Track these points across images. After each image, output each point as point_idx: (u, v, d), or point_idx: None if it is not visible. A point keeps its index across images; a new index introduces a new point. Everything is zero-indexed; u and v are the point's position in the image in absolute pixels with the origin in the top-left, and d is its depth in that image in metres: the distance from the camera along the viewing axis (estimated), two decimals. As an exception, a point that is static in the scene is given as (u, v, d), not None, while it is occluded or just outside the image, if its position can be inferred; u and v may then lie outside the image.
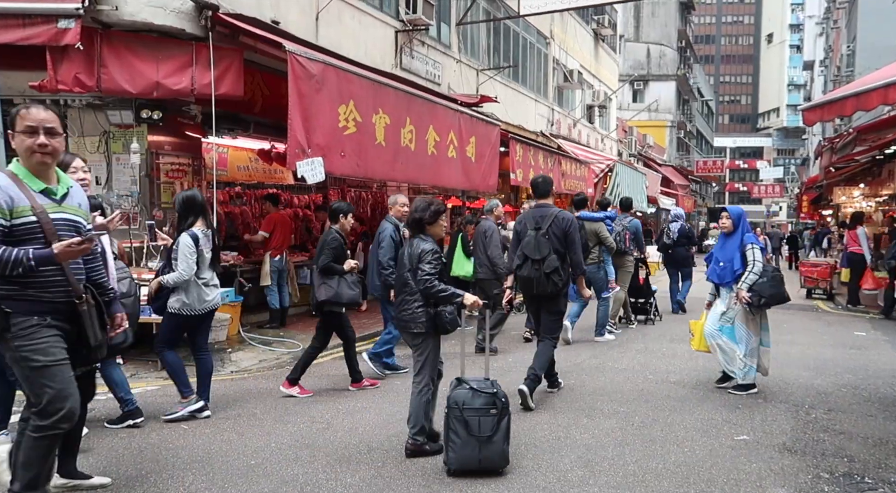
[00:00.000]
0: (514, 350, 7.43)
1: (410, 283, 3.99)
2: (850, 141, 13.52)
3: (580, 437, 4.35)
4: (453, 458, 3.65)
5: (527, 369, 5.07)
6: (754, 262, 5.35)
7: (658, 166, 30.77)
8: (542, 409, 4.99)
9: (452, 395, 3.78)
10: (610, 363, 6.72)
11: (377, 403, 5.15)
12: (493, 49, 15.92)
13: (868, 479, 3.72)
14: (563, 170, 15.46)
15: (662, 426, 4.64)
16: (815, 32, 56.57)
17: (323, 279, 5.28)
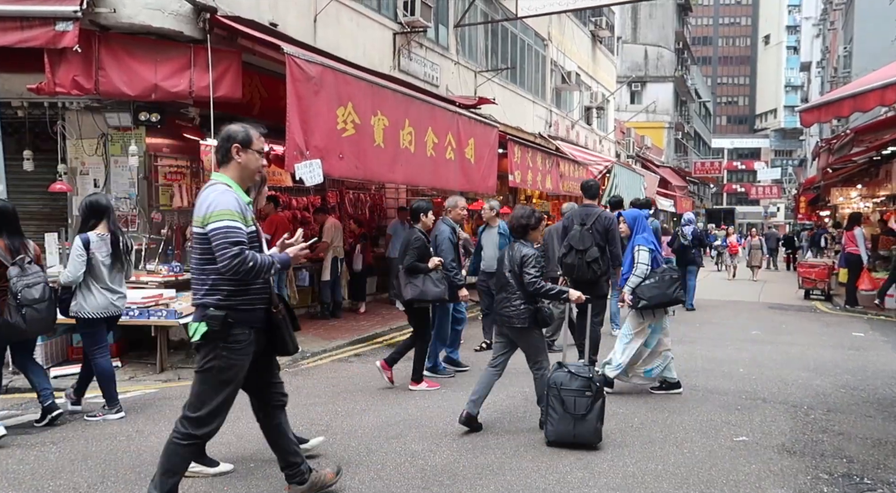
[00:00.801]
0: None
1: (512, 283, 4.43)
2: (847, 142, 13.55)
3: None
4: (551, 431, 4.18)
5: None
6: (638, 264, 5.32)
7: (656, 168, 30.80)
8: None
9: (553, 377, 4.24)
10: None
11: (376, 406, 5.14)
12: (490, 51, 15.94)
13: (867, 480, 3.72)
14: (562, 171, 15.48)
15: (661, 427, 4.64)
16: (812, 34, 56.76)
17: (409, 278, 5.48)
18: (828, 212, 22.36)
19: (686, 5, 46.64)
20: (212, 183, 3.10)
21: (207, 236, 2.96)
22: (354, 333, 8.23)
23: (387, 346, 7.83)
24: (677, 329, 9.15)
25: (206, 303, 2.98)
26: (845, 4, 32.47)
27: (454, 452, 4.06)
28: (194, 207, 3.08)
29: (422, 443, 4.22)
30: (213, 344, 2.97)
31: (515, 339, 4.53)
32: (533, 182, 13.65)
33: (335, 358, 7.10)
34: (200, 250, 3.02)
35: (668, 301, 5.28)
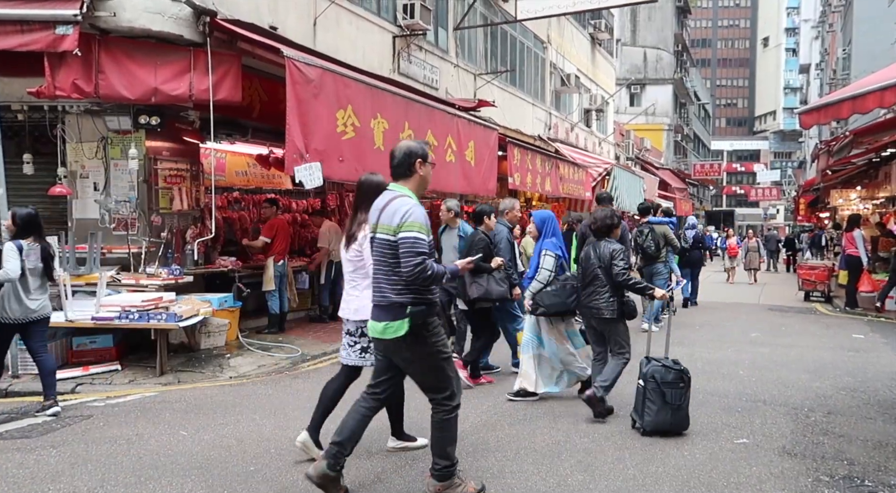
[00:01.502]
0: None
1: (602, 277, 4.85)
2: (846, 144, 13.55)
3: (580, 441, 4.34)
4: (649, 421, 4.46)
5: None
6: (542, 269, 5.15)
7: (655, 170, 30.82)
8: (543, 414, 4.99)
9: (647, 370, 4.55)
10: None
11: (376, 408, 5.12)
12: (490, 54, 15.96)
13: (868, 482, 3.72)
14: (561, 174, 15.48)
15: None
16: (811, 36, 56.84)
17: (473, 278, 5.61)
18: (827, 214, 22.38)
19: (685, 8, 46.71)
20: (398, 194, 3.35)
21: (396, 243, 3.23)
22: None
23: (387, 349, 7.82)
24: (677, 332, 9.16)
25: (402, 302, 3.28)
26: (844, 7, 32.53)
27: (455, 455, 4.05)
28: (379, 214, 3.33)
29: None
30: (420, 336, 3.29)
31: (602, 329, 4.99)
32: (533, 184, 13.65)
33: (335, 361, 7.04)
34: (387, 255, 3.29)
35: (564, 311, 5.11)
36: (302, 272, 9.25)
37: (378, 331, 3.34)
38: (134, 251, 6.95)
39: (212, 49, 6.72)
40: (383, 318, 3.31)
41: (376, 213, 3.38)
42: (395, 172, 3.44)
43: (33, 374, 6.03)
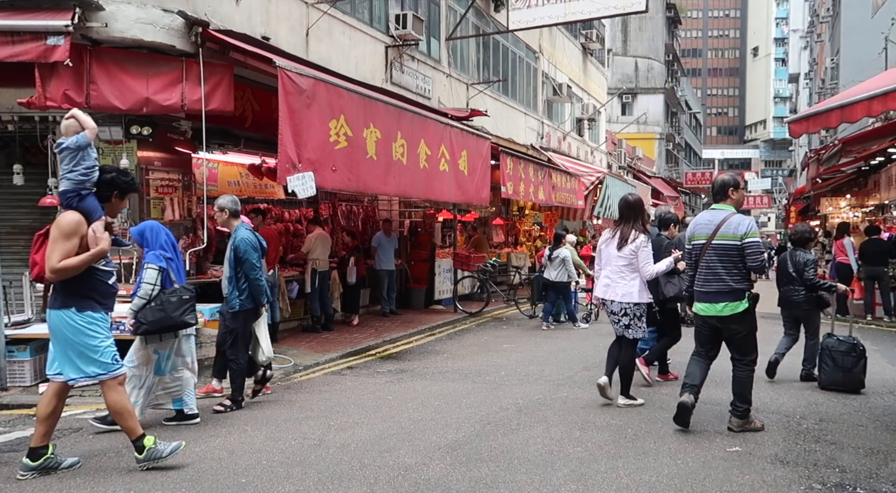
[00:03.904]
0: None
1: (797, 279, 6.39)
2: (835, 152, 13.68)
3: (573, 450, 4.33)
4: (825, 379, 6.11)
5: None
6: (142, 284, 4.72)
7: (647, 178, 30.98)
8: (535, 422, 4.98)
9: (825, 343, 6.17)
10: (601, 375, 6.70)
11: (369, 419, 5.11)
12: (482, 63, 16.05)
13: (860, 489, 3.72)
14: (554, 182, 15.55)
15: (655, 438, 4.63)
16: (800, 46, 57.44)
17: (668, 278, 6.08)
18: (818, 222, 22.53)
19: (675, 18, 47.19)
20: (732, 212, 4.82)
21: (743, 246, 4.65)
22: (347, 345, 8.20)
23: (380, 358, 7.81)
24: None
25: (741, 288, 4.69)
26: (832, 17, 32.93)
27: (447, 465, 4.04)
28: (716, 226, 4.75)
29: (415, 456, 4.19)
30: (750, 313, 4.74)
31: (801, 318, 6.62)
32: (525, 193, 13.71)
33: (328, 371, 7.06)
34: (734, 257, 4.69)
35: (172, 325, 4.72)
36: (293, 282, 9.22)
37: (715, 310, 4.74)
38: (125, 262, 6.91)
39: (204, 59, 6.73)
40: (723, 300, 4.70)
41: (713, 225, 4.78)
42: (716, 199, 4.93)
43: (21, 386, 5.98)
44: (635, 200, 5.59)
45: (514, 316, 11.80)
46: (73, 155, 3.86)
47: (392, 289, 11.10)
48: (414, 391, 6.00)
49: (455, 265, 12.35)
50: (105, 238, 3.86)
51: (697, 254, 4.89)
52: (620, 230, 5.46)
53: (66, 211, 3.86)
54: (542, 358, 7.73)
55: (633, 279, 5.37)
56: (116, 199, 4.09)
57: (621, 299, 5.39)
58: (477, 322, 11.00)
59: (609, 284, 5.46)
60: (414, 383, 6.35)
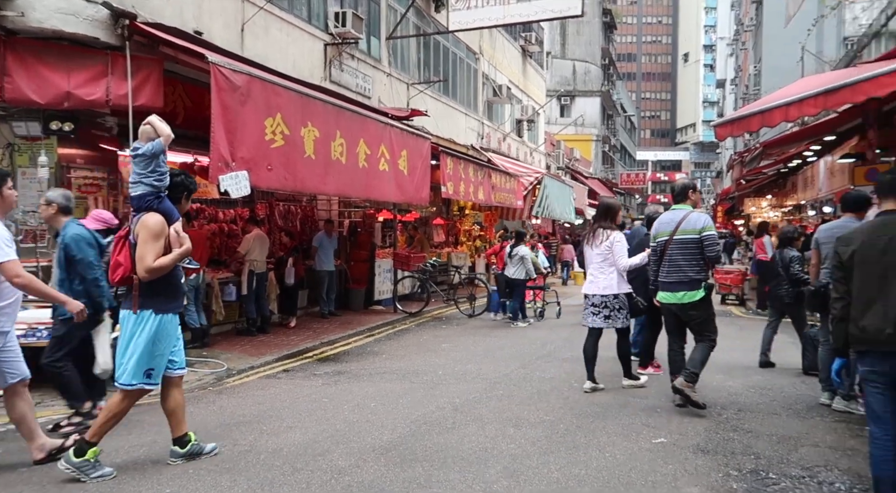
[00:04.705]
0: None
1: (783, 274, 6.83)
2: (756, 155, 14.45)
3: (507, 447, 4.42)
4: (807, 364, 6.75)
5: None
6: None
7: (585, 179, 31.81)
8: (471, 421, 5.05)
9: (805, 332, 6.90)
10: (538, 373, 6.88)
11: (304, 422, 5.06)
12: (423, 63, 16.09)
13: (772, 474, 3.97)
14: (494, 183, 15.74)
15: (586, 432, 4.78)
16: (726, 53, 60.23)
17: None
18: (742, 221, 23.70)
19: (611, 23, 48.59)
20: (690, 210, 5.50)
21: (701, 239, 5.29)
22: (283, 348, 8.06)
23: (317, 360, 7.73)
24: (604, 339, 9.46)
25: (699, 278, 5.31)
26: (754, 27, 34.71)
27: (381, 466, 4.05)
28: (677, 223, 5.43)
29: (349, 459, 4.18)
30: (707, 301, 5.36)
31: (787, 312, 7.04)
32: (465, 193, 13.83)
33: (262, 375, 6.93)
34: (694, 250, 5.32)
35: None
36: (229, 284, 9.00)
37: (676, 298, 5.37)
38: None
39: (131, 53, 6.48)
40: (683, 289, 5.32)
41: (675, 223, 5.42)
42: (678, 199, 5.61)
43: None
44: (612, 204, 6.30)
45: (454, 315, 11.90)
46: (147, 161, 3.93)
47: (332, 290, 10.99)
48: (350, 393, 5.97)
49: (395, 265, 12.34)
50: (186, 237, 4.05)
51: (661, 249, 5.51)
52: (596, 230, 6.03)
53: (148, 213, 3.96)
54: (480, 357, 7.83)
55: (611, 273, 5.93)
56: (185, 200, 4.28)
57: (602, 291, 5.95)
58: (417, 322, 11.04)
59: (592, 280, 6.04)
60: (351, 385, 6.32)
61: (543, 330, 10.26)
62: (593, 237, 6.02)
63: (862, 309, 3.20)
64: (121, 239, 4.07)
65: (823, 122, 10.84)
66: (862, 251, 3.24)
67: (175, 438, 4.16)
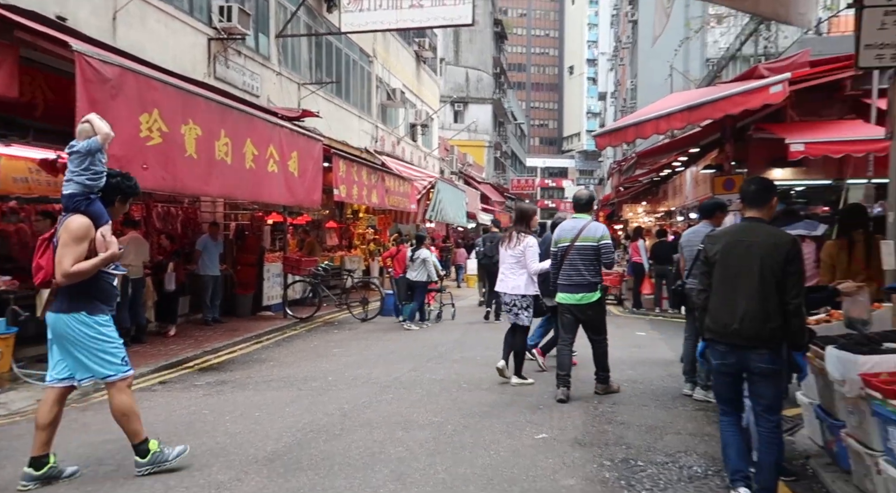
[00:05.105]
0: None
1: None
2: (632, 164, 15.51)
3: (394, 451, 4.44)
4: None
5: None
6: None
7: (477, 184, 32.59)
8: (359, 426, 5.01)
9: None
10: (428, 375, 6.95)
11: (180, 436, 4.77)
12: (315, 64, 15.79)
13: (640, 462, 4.27)
14: (388, 186, 15.74)
15: (472, 432, 4.90)
16: (607, 68, 64.20)
17: None
18: (621, 226, 25.30)
19: (502, 33, 50.20)
20: (590, 219, 6.00)
21: (599, 247, 5.81)
22: (161, 358, 7.58)
23: (198, 370, 7.34)
24: (496, 338, 9.74)
25: (595, 281, 5.82)
26: (631, 44, 37.24)
27: (264, 478, 3.92)
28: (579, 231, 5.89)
29: (229, 472, 4.01)
30: (601, 302, 5.92)
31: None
32: (359, 197, 13.71)
33: (136, 388, 6.45)
34: (592, 256, 5.82)
35: None
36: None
37: (575, 299, 5.86)
38: None
39: (-21, 37, 5.84)
40: (581, 291, 5.83)
41: (576, 230, 5.88)
42: (580, 209, 6.12)
43: None
44: (527, 209, 6.77)
45: (347, 320, 11.76)
46: (81, 158, 3.81)
47: (216, 296, 10.49)
48: (234, 403, 5.73)
49: (285, 269, 11.99)
50: (114, 242, 3.89)
51: (562, 254, 5.95)
52: (512, 233, 6.48)
53: (74, 215, 3.82)
54: (371, 361, 7.79)
55: (521, 275, 6.36)
56: (119, 203, 4.12)
57: (511, 291, 6.38)
58: (307, 328, 10.79)
59: (503, 279, 6.48)
60: (235, 395, 6.06)
61: (436, 332, 10.39)
62: (509, 240, 6.48)
63: (717, 303, 3.54)
64: (45, 241, 3.93)
65: (689, 135, 11.84)
66: (724, 251, 3.55)
67: (33, 457, 3.82)
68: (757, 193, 3.61)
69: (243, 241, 11.98)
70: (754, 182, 3.74)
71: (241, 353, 8.44)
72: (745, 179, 4.46)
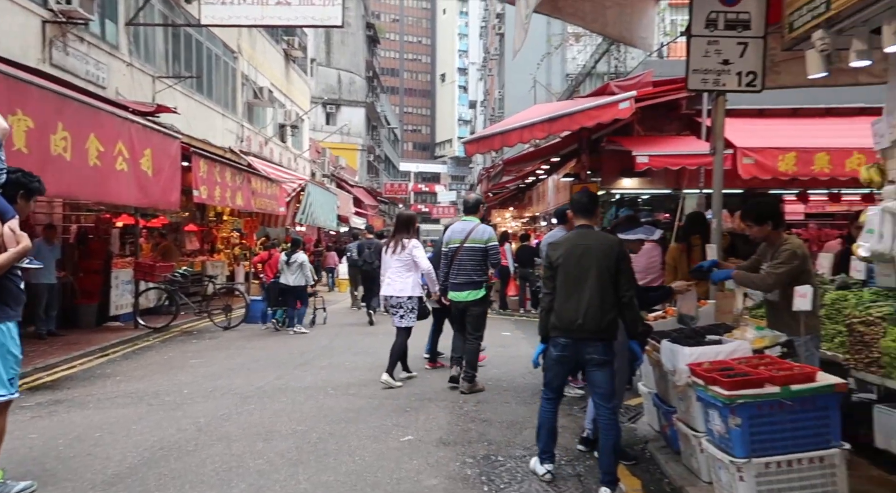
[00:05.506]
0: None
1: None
2: (499, 171, 16.15)
3: (254, 463, 4.24)
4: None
5: None
6: None
7: (350, 187, 32.22)
8: (216, 440, 4.74)
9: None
10: (293, 383, 6.73)
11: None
12: (172, 56, 14.79)
13: (500, 457, 4.43)
14: (254, 188, 15.08)
15: (338, 438, 4.81)
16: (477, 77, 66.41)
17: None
18: (490, 230, 26.18)
19: (375, 37, 50.15)
20: (478, 223, 6.41)
21: (486, 248, 6.25)
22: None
23: (29, 390, 6.53)
24: (364, 343, 9.67)
25: (482, 280, 6.28)
26: (498, 56, 38.82)
27: (104, 504, 3.58)
28: (468, 233, 6.27)
29: (62, 501, 3.61)
30: (487, 299, 6.41)
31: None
32: (222, 198, 13.00)
33: None
34: (478, 257, 6.25)
35: None
36: None
37: (462, 296, 6.28)
38: None
39: None
40: (468, 289, 6.24)
41: (465, 232, 6.29)
42: (468, 212, 6.63)
43: None
44: (409, 215, 7.04)
45: (208, 329, 11.10)
46: None
47: (52, 306, 9.45)
48: (70, 424, 5.17)
49: (137, 276, 11.06)
50: (25, 236, 3.68)
51: (452, 254, 6.32)
52: (397, 239, 6.63)
53: None
54: (233, 371, 7.41)
55: (408, 278, 6.57)
56: (22, 200, 3.91)
57: (398, 293, 6.56)
58: (162, 338, 10.04)
59: (390, 283, 6.62)
60: (71, 415, 5.48)
61: (304, 338, 10.11)
62: (394, 245, 6.63)
63: (562, 303, 3.85)
64: None
65: (551, 145, 12.55)
66: (566, 255, 3.89)
67: None
68: (587, 205, 4.07)
69: (87, 245, 10.91)
70: (584, 195, 4.16)
71: (82, 368, 7.65)
72: (576, 192, 4.91)
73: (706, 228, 5.85)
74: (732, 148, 8.45)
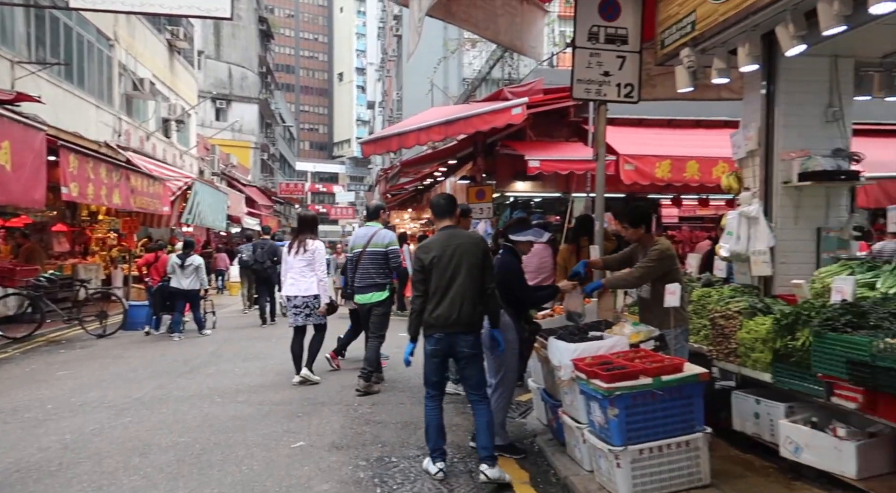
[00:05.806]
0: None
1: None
2: (396, 173, 16.14)
3: (128, 480, 3.94)
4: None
5: None
6: None
7: (242, 186, 30.90)
8: (85, 458, 4.36)
9: None
10: (176, 393, 6.34)
11: None
12: (36, 40, 13.48)
13: (394, 458, 4.40)
14: (134, 186, 14.05)
15: (224, 448, 4.58)
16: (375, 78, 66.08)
17: None
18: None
19: (268, 32, 48.48)
20: (380, 227, 6.63)
21: (387, 252, 6.43)
22: None
23: None
24: (254, 348, 9.29)
25: (385, 282, 6.45)
26: (396, 57, 38.85)
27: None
28: (369, 238, 6.47)
29: None
30: (389, 301, 6.57)
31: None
32: (96, 196, 12.00)
33: None
34: (380, 260, 6.43)
35: None
36: None
37: (367, 298, 6.40)
38: None
39: None
40: (371, 291, 6.38)
41: (367, 237, 6.46)
42: (370, 218, 6.78)
43: None
44: (312, 216, 7.21)
45: (79, 337, 10.21)
46: None
47: None
48: None
49: (-6, 281, 9.98)
50: None
51: (356, 259, 6.47)
52: (300, 240, 6.75)
53: None
54: (107, 382, 6.86)
55: (312, 277, 6.70)
56: None
57: (303, 293, 6.65)
58: (24, 349, 9.11)
59: (293, 283, 6.69)
60: None
61: (189, 345, 9.56)
62: (297, 246, 6.72)
63: (437, 301, 4.01)
64: None
65: (448, 147, 12.70)
66: (438, 257, 4.05)
67: None
68: (447, 207, 4.28)
69: (-69, 247, 9.70)
70: (443, 198, 4.38)
71: (-75, 386, 6.78)
72: (434, 195, 5.22)
73: (594, 229, 6.15)
74: (615, 155, 8.96)
